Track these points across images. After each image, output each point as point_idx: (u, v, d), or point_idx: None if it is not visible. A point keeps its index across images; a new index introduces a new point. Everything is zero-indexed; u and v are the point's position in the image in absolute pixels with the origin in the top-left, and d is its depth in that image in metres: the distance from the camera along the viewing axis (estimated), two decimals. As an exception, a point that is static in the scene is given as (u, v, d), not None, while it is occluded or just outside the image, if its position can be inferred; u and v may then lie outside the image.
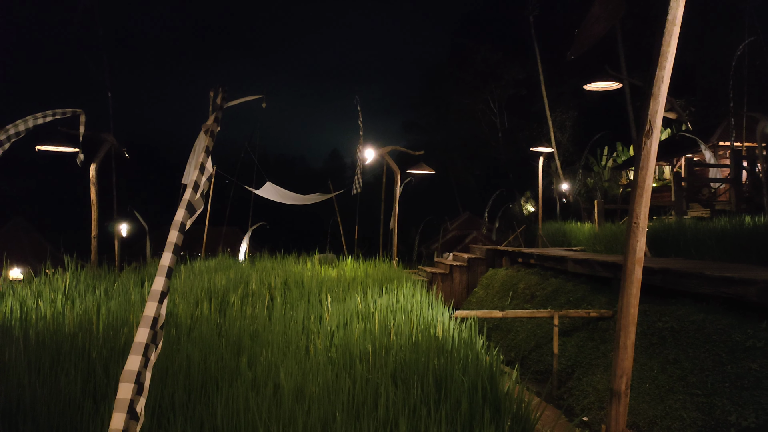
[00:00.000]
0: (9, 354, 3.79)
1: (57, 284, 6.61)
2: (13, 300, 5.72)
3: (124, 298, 6.17)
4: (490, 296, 10.43)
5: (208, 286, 7.44)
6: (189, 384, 3.75)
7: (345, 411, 3.41)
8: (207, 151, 3.50)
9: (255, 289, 7.34)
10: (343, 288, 7.35)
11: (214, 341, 4.74)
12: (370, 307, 5.97)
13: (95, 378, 3.70)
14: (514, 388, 4.03)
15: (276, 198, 16.83)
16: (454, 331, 5.16)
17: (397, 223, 12.78)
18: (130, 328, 4.69)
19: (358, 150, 13.66)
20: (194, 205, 3.19)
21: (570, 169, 23.86)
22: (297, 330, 5.30)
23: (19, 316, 4.85)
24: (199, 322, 5.44)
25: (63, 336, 4.34)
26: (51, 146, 8.74)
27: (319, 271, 9.34)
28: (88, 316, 5.04)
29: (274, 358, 4.35)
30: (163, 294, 2.73)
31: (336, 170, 57.99)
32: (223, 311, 6.20)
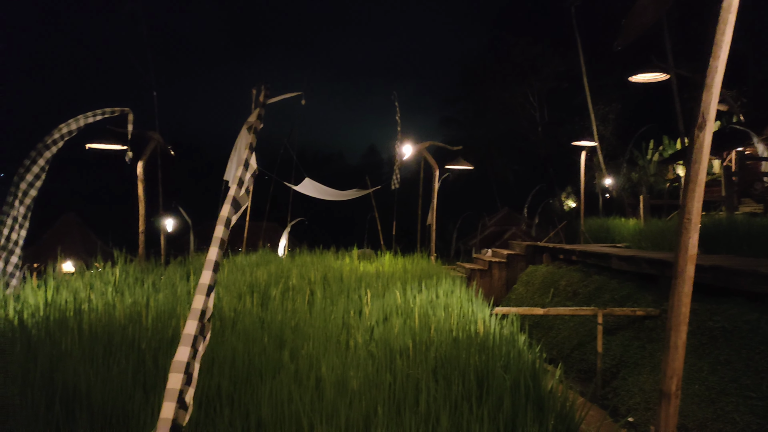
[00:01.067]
0: (65, 344, 3.97)
1: (107, 277, 6.87)
2: (67, 292, 5.97)
3: (171, 291, 6.35)
4: (530, 293, 10.27)
5: (250, 280, 7.59)
6: (234, 375, 3.83)
7: (386, 405, 3.42)
8: (251, 147, 3.55)
9: (295, 283, 7.44)
10: (382, 283, 7.37)
11: (257, 334, 4.84)
12: (410, 303, 5.97)
13: (145, 368, 3.83)
14: (557, 387, 3.97)
15: (314, 194, 16.98)
16: (495, 327, 5.11)
17: (435, 218, 12.72)
18: (177, 320, 4.83)
19: (396, 146, 13.66)
20: (239, 201, 3.25)
21: (613, 164, 23.21)
22: (337, 324, 5.35)
23: (73, 308, 5.06)
24: (242, 315, 5.56)
25: (114, 327, 4.51)
26: (101, 144, 9.07)
27: (358, 266, 9.40)
28: (137, 309, 5.22)
29: (316, 351, 4.41)
30: (210, 287, 2.80)
31: (373, 166, 58.16)
32: (264, 305, 6.31)
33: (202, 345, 2.76)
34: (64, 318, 4.75)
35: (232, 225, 3.10)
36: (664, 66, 9.96)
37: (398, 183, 13.94)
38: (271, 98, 4.94)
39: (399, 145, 13.60)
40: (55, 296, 5.71)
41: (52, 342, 4.12)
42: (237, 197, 3.18)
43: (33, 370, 3.48)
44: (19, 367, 3.47)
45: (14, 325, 4.52)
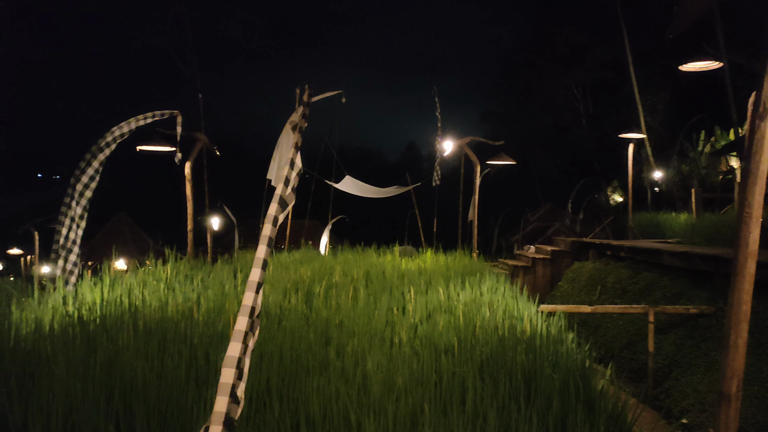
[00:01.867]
0: (122, 339, 4.13)
1: (159, 275, 7.11)
2: (121, 289, 6.22)
3: (220, 287, 6.52)
4: (576, 290, 10.04)
5: (294, 277, 7.71)
6: (282, 371, 3.90)
7: (432, 403, 3.41)
8: (296, 147, 3.59)
9: (338, 281, 7.51)
10: (425, 280, 7.35)
11: (302, 331, 4.91)
12: (453, 300, 5.93)
13: (197, 363, 3.94)
14: (608, 387, 3.87)
15: (355, 191, 17.08)
16: (541, 326, 5.02)
17: (477, 215, 12.60)
18: (226, 316, 4.96)
19: (436, 142, 13.58)
20: (286, 200, 3.30)
21: (662, 156, 22.38)
22: (381, 321, 5.37)
23: (128, 305, 5.26)
24: (288, 312, 5.65)
25: (167, 323, 4.66)
26: (151, 146, 9.39)
27: (400, 263, 9.41)
28: (188, 305, 5.38)
29: (360, 348, 4.44)
30: (259, 284, 2.85)
31: (413, 163, 58.04)
32: (309, 302, 6.39)
33: (251, 341, 2.82)
34: (120, 314, 4.94)
35: (279, 223, 3.15)
36: (717, 53, 9.52)
37: (439, 179, 13.86)
38: (313, 97, 4.99)
39: (439, 141, 13.52)
40: (111, 293, 5.95)
41: (109, 337, 4.30)
42: (284, 196, 3.23)
43: (93, 365, 3.63)
44: (80, 361, 3.63)
45: (74, 321, 4.73)
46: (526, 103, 34.35)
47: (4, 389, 3.28)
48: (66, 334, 4.35)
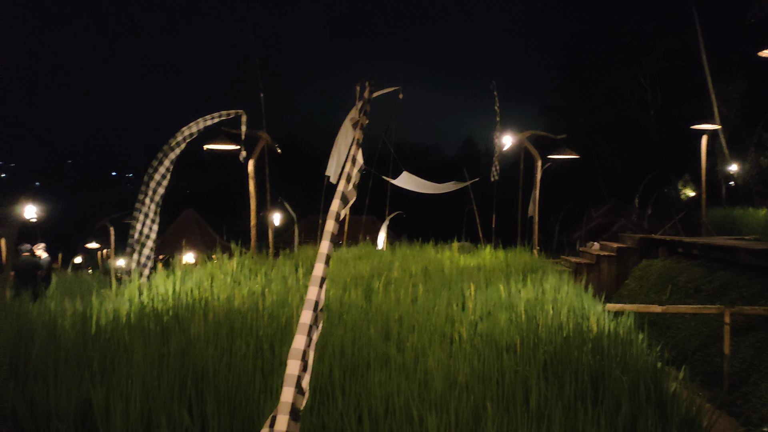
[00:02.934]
0: (193, 330, 4.32)
1: (226, 268, 7.39)
2: (191, 282, 6.51)
3: (282, 281, 6.70)
4: (644, 289, 9.62)
5: (353, 272, 7.80)
6: (344, 365, 3.97)
7: (495, 401, 3.37)
8: (358, 143, 3.63)
9: (397, 276, 7.54)
10: (484, 277, 7.26)
11: (362, 325, 4.97)
12: (514, 297, 5.83)
13: (263, 354, 4.07)
14: (681, 390, 3.69)
15: (412, 187, 17.06)
16: (608, 325, 4.85)
17: (537, 210, 12.30)
18: (289, 309, 5.09)
19: (495, 136, 13.36)
20: (347, 196, 3.34)
21: (738, 148, 21.02)
22: (440, 317, 5.35)
23: (198, 297, 5.50)
24: (348, 306, 5.73)
25: (234, 315, 4.84)
26: (217, 145, 9.75)
27: (458, 259, 9.34)
28: (253, 298, 5.56)
29: (421, 344, 4.44)
30: (323, 279, 2.91)
31: (470, 158, 57.34)
32: (368, 297, 6.46)
33: (315, 334, 2.88)
34: (191, 306, 5.18)
35: (341, 219, 3.20)
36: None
37: (497, 174, 13.64)
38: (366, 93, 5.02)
39: (498, 136, 13.28)
40: (182, 286, 6.24)
41: (181, 328, 4.51)
42: (345, 192, 3.27)
43: (167, 354, 3.82)
44: (156, 350, 3.84)
45: (149, 312, 5.00)
46: (589, 94, 33.12)
47: (87, 373, 3.51)
48: (142, 324, 4.60)
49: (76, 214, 39.95)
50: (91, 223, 23.23)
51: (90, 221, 24.26)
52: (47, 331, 4.15)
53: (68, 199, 47.14)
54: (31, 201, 10.18)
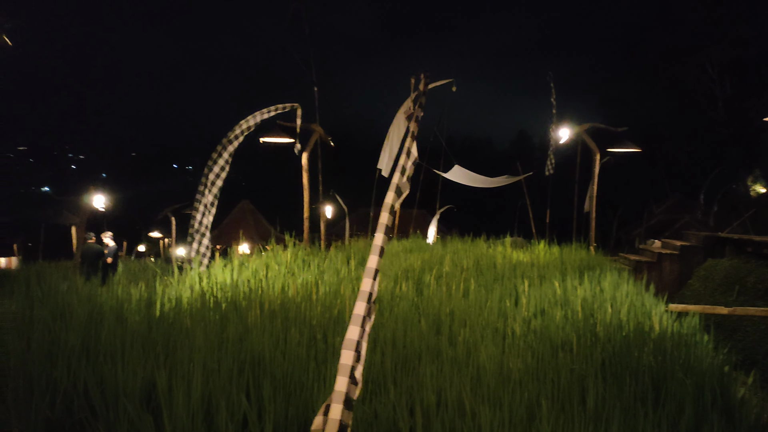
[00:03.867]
0: (250, 318, 4.45)
1: (280, 259, 7.57)
2: (248, 272, 6.70)
3: (335, 273, 6.79)
4: (709, 290, 9.15)
5: (404, 266, 7.81)
6: (395, 356, 3.99)
7: (550, 399, 3.30)
8: (413, 136, 3.62)
9: (448, 270, 7.50)
10: (538, 273, 7.10)
11: (413, 318, 4.97)
12: (570, 295, 5.68)
13: (316, 343, 4.14)
14: (750, 396, 3.50)
15: (463, 181, 16.88)
16: (671, 326, 4.65)
17: (595, 206, 11.90)
18: (341, 300, 5.15)
19: (550, 129, 13.01)
20: (401, 188, 3.34)
21: (818, 141, 19.60)
22: (493, 313, 5.29)
23: (254, 286, 5.66)
24: (399, 299, 5.75)
25: (289, 305, 4.95)
26: (273, 138, 9.96)
27: (511, 254, 9.18)
28: (307, 289, 5.67)
29: (473, 338, 4.40)
30: (376, 271, 2.92)
31: (523, 152, 56.06)
32: (419, 290, 6.46)
33: (368, 325, 2.91)
34: (248, 295, 5.33)
35: (395, 211, 3.21)
36: None
37: (552, 169, 13.29)
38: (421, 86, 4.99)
39: (554, 129, 12.93)
40: (239, 275, 6.43)
41: (238, 315, 4.66)
42: (400, 184, 3.27)
43: (225, 340, 3.95)
44: (215, 336, 3.98)
45: (208, 299, 5.19)
46: (652, 85, 31.67)
47: (152, 355, 3.68)
48: (202, 311, 4.78)
49: (139, 205, 41.87)
50: (153, 213, 24.30)
51: (152, 211, 25.39)
52: (115, 315, 4.38)
53: (132, 190, 49.44)
54: (99, 191, 10.74)
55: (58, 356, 3.54)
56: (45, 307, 4.59)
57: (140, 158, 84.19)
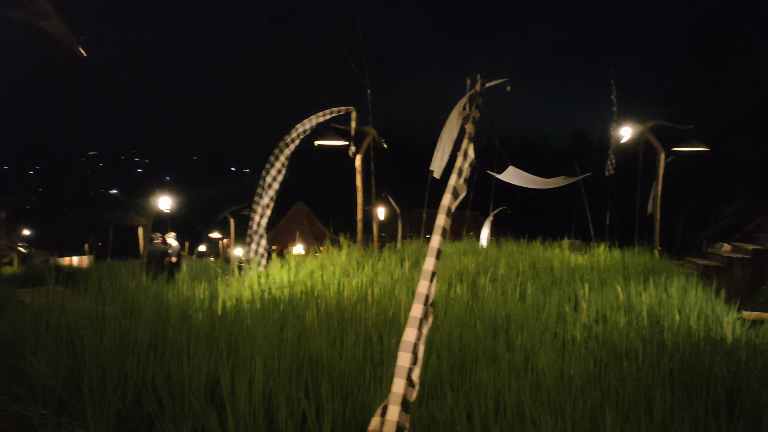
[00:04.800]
0: (308, 318, 4.53)
1: (335, 260, 7.67)
2: (304, 272, 6.82)
3: (389, 274, 6.82)
4: (786, 297, 8.57)
5: (458, 268, 7.74)
6: (451, 360, 3.95)
7: (614, 408, 3.18)
8: (470, 137, 3.58)
9: (503, 273, 7.37)
10: (599, 277, 6.87)
11: (469, 322, 4.92)
12: (634, 300, 5.46)
13: (372, 345, 4.17)
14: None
15: (518, 182, 16.57)
16: (744, 335, 4.38)
17: (659, 207, 11.40)
18: (396, 302, 5.16)
19: (611, 128, 12.57)
20: (458, 190, 3.31)
21: None
22: (551, 317, 5.16)
23: (310, 287, 5.76)
24: (453, 301, 5.70)
25: (344, 306, 5.01)
26: (327, 141, 10.12)
27: (569, 258, 8.92)
28: (362, 290, 5.71)
29: (530, 343, 4.31)
30: (433, 273, 2.91)
31: (581, 151, 54.42)
32: (474, 293, 6.38)
33: (425, 327, 2.89)
34: (304, 295, 5.43)
35: (452, 213, 3.18)
36: None
37: (613, 169, 12.84)
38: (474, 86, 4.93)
39: (614, 127, 12.48)
40: (295, 276, 6.56)
41: (296, 315, 4.75)
42: (456, 186, 3.24)
43: (284, 339, 4.04)
44: (275, 335, 4.07)
45: (267, 299, 5.32)
46: (723, 80, 29.96)
47: (215, 352, 3.81)
48: (261, 310, 4.91)
49: (200, 206, 43.49)
50: (213, 215, 25.17)
51: (212, 213, 26.32)
52: (180, 312, 4.56)
53: (193, 192, 51.44)
54: (164, 194, 11.24)
55: (128, 351, 3.72)
56: (116, 304, 4.84)
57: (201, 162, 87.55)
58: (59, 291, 4.94)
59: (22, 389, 3.63)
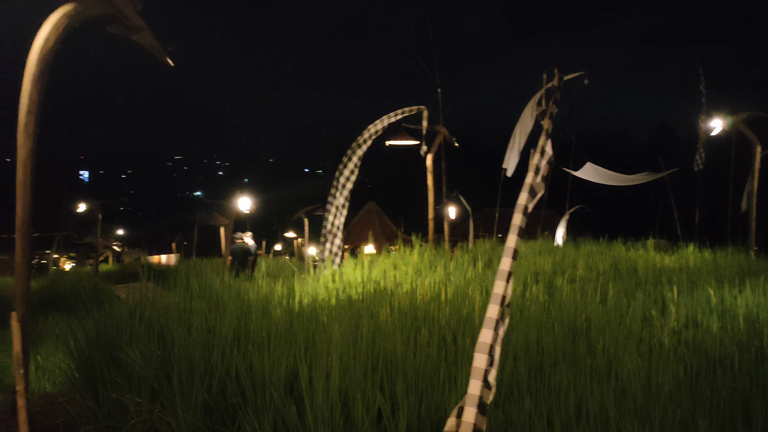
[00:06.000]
0: (382, 317, 4.58)
1: (407, 259, 7.69)
2: (377, 271, 6.90)
3: (462, 274, 6.75)
4: None
5: (533, 268, 7.54)
6: (528, 362, 3.85)
7: (708, 419, 2.97)
8: (547, 133, 3.48)
9: (582, 274, 7.10)
10: (688, 279, 6.46)
11: (546, 323, 4.77)
12: (729, 304, 5.08)
13: (446, 344, 4.14)
14: None
15: (596, 179, 15.91)
16: None
17: (755, 204, 10.55)
18: (470, 302, 5.10)
19: (699, 120, 11.79)
20: (535, 188, 3.22)
21: None
22: (636, 321, 4.90)
23: (383, 285, 5.81)
24: (529, 302, 5.56)
25: (417, 304, 5.01)
26: (398, 141, 10.18)
27: (654, 258, 8.45)
28: (435, 289, 5.69)
29: (614, 347, 4.12)
30: (510, 274, 2.84)
31: (665, 146, 51.31)
32: (551, 294, 6.19)
33: (502, 329, 2.83)
34: (378, 293, 5.49)
35: (529, 212, 3.10)
36: None
37: (702, 164, 12.03)
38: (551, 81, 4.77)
39: (703, 119, 11.69)
40: (369, 274, 6.65)
41: (370, 313, 4.81)
42: (533, 184, 3.15)
43: (359, 336, 4.10)
44: (350, 332, 4.14)
45: (341, 297, 5.43)
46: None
47: (293, 347, 3.93)
48: (336, 307, 5.01)
49: (275, 207, 45.06)
50: (288, 215, 26.01)
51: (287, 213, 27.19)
52: (261, 308, 4.74)
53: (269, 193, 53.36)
54: (243, 195, 11.75)
55: (213, 345, 3.92)
56: (202, 299, 5.11)
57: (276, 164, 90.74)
58: (150, 287, 5.28)
59: (120, 378, 3.91)
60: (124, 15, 4.05)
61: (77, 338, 4.36)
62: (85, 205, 20.67)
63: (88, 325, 4.44)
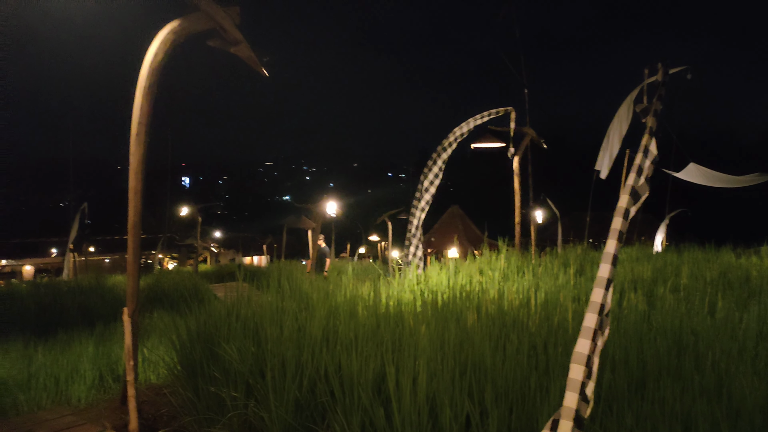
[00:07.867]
0: (469, 322, 4.50)
1: (494, 265, 7.52)
2: (462, 276, 6.80)
3: (552, 280, 6.49)
4: None
5: (631, 275, 7.11)
6: (628, 375, 3.62)
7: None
8: (651, 131, 3.26)
9: (686, 282, 6.58)
10: (813, 291, 5.80)
11: (646, 335, 4.47)
12: None
13: (536, 353, 3.99)
14: None
15: (700, 180, 14.77)
16: None
17: None
18: (562, 309, 4.88)
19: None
20: (638, 191, 3.02)
21: None
22: (750, 335, 4.46)
23: (469, 291, 5.71)
24: (627, 311, 5.23)
25: (505, 311, 4.87)
26: (484, 143, 10.00)
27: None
28: (523, 296, 5.52)
29: (724, 363, 3.77)
30: (609, 281, 2.68)
31: (778, 144, 46.62)
32: (651, 304, 5.79)
33: (600, 339, 2.68)
34: (464, 298, 5.40)
35: (631, 216, 2.92)
36: None
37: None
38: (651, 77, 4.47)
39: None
40: (454, 279, 6.57)
41: (456, 319, 4.74)
42: (636, 186, 2.97)
43: (446, 341, 4.05)
44: (437, 337, 4.10)
45: (428, 301, 5.39)
46: None
47: (380, 350, 3.96)
48: (422, 311, 4.99)
49: (359, 210, 45.88)
50: (371, 218, 26.39)
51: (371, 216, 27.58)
52: (349, 310, 4.82)
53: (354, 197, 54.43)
54: (330, 199, 12.07)
55: (304, 344, 4.03)
56: (293, 300, 5.28)
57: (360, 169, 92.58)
58: (246, 287, 5.54)
59: (218, 372, 4.13)
60: (224, 29, 4.29)
61: (180, 334, 4.65)
62: (186, 209, 22.18)
63: (189, 322, 4.72)
